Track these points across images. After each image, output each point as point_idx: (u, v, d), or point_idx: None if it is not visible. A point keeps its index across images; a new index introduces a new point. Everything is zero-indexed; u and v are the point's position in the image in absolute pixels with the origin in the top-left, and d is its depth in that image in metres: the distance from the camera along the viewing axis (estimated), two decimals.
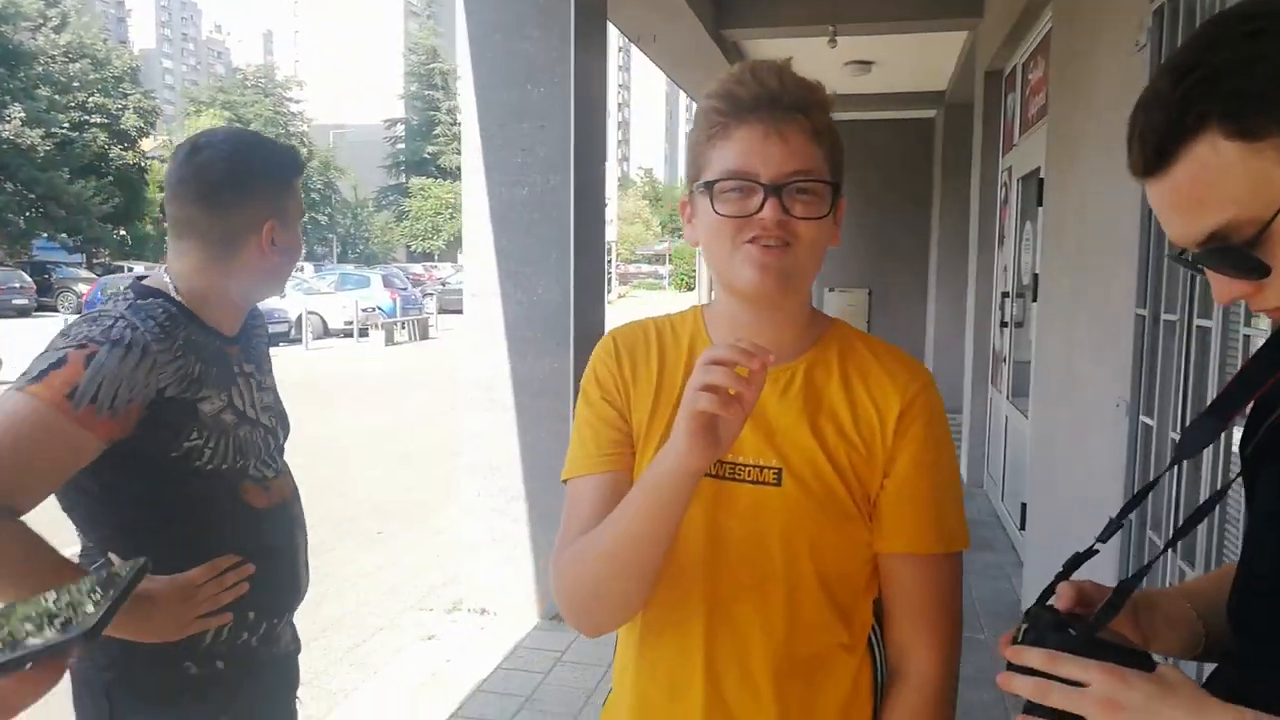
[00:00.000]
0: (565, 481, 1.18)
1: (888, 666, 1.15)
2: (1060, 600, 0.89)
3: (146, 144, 39.15)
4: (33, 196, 30.32)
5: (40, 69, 31.81)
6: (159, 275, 1.51)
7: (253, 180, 1.49)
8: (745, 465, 1.09)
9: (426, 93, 63.46)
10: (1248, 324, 2.04)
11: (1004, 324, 5.94)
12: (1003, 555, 5.17)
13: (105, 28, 50.74)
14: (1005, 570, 4.92)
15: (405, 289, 22.79)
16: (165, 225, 1.59)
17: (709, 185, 1.06)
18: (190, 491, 1.43)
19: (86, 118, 33.52)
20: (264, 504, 1.53)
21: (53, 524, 1.39)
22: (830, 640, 1.10)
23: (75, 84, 33.42)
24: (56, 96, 32.04)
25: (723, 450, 0.94)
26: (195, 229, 1.47)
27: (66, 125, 32.13)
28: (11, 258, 29.27)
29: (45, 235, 32.29)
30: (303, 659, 1.72)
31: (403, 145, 64.79)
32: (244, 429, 1.50)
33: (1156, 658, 0.79)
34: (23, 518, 1.27)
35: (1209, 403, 1.03)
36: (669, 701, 1.13)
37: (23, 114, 30.01)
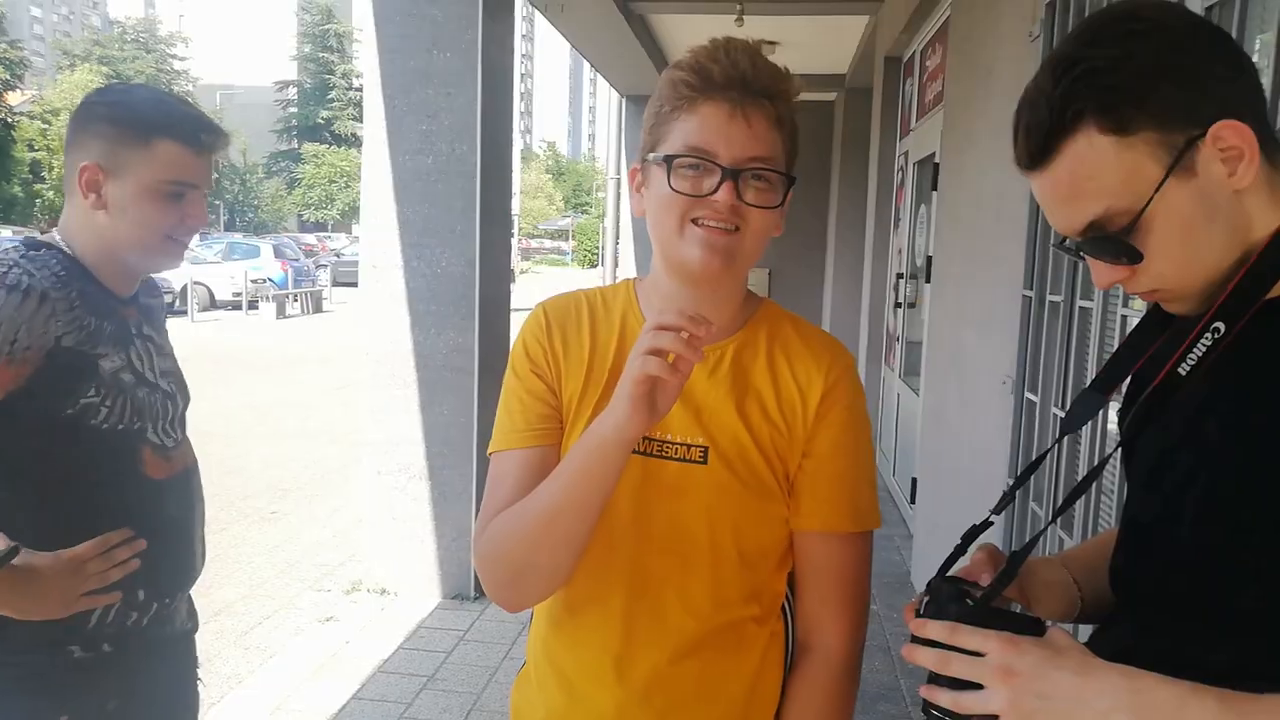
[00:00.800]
0: (491, 455, 1.16)
1: (796, 638, 1.18)
2: (973, 568, 0.94)
3: (12, 98, 36.66)
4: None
5: None
6: (51, 235, 1.45)
7: (89, 124, 1.42)
8: (673, 443, 1.10)
9: (321, 55, 61.12)
10: (1125, 305, 2.16)
11: (898, 304, 6.13)
12: (893, 529, 5.37)
13: None
14: (895, 543, 5.11)
15: (298, 260, 22.00)
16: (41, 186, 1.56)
17: (668, 159, 1.05)
18: (83, 453, 1.37)
19: None
20: (163, 474, 1.46)
21: None
22: (745, 613, 1.13)
23: None
24: None
25: (658, 418, 0.96)
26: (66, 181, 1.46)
27: None
28: None
29: None
30: (196, 642, 1.65)
31: (295, 110, 62.37)
32: (142, 391, 1.43)
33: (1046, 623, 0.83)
34: None
35: (1091, 380, 1.09)
36: (585, 673, 1.14)
37: None
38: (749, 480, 1.10)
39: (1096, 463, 1.15)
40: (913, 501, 5.06)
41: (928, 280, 4.86)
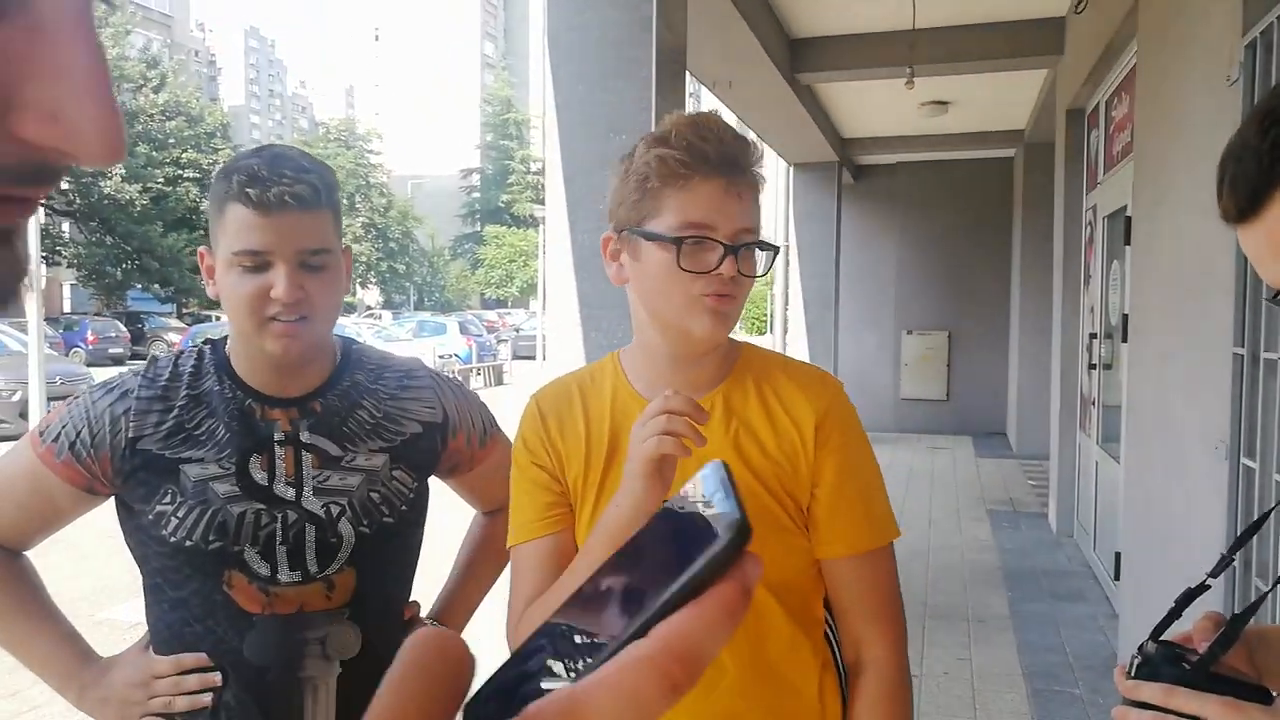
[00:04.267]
0: (510, 549, 1.22)
1: (845, 661, 1.22)
2: (1192, 633, 0.89)
3: None
4: (129, 249, 31.72)
5: (140, 127, 33.54)
6: None
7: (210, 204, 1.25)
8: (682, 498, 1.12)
9: (501, 142, 65.11)
10: None
11: (1092, 366, 5.78)
12: (1096, 607, 4.98)
13: (199, 86, 53.40)
14: (1099, 622, 4.73)
15: (480, 335, 23.19)
16: None
17: (677, 240, 1.09)
18: (170, 565, 1.24)
19: (180, 172, 35.16)
20: (257, 608, 1.23)
21: None
22: (789, 642, 1.17)
23: (171, 140, 35.13)
24: (154, 153, 33.71)
25: (668, 488, 1.02)
26: None
27: (161, 180, 33.73)
28: (108, 308, 30.74)
29: (139, 286, 33.85)
30: None
31: (478, 194, 66.44)
32: (245, 507, 1.22)
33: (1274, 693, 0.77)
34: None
35: None
36: None
37: (122, 170, 31.68)
38: (762, 519, 1.12)
39: None
40: (1116, 578, 4.69)
41: (1124, 339, 4.57)
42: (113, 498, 1.27)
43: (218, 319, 26.45)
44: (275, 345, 1.20)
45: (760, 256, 1.14)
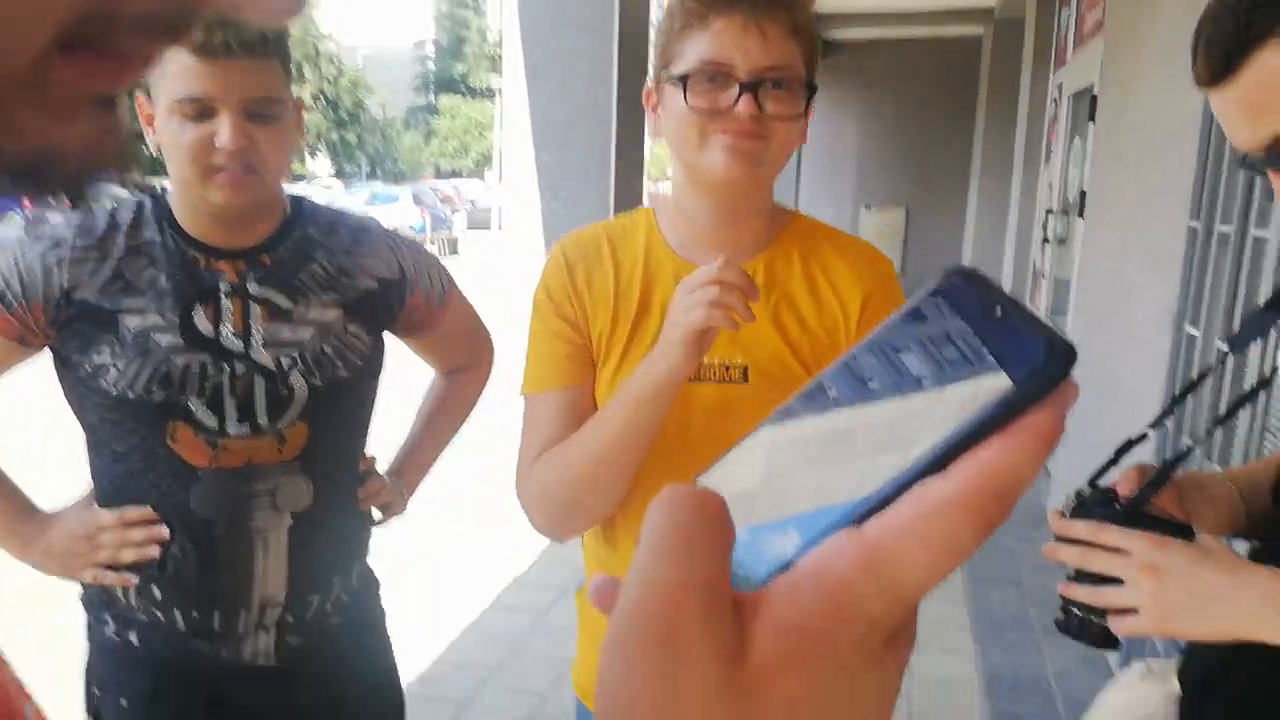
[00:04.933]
0: (524, 396, 1.17)
1: None
2: (1123, 481, 0.94)
3: None
4: None
5: None
6: None
7: None
8: (711, 365, 1.10)
9: (457, 11, 62.27)
10: None
11: (1045, 240, 5.87)
12: None
13: None
14: (1034, 482, 4.96)
15: (434, 206, 22.75)
16: None
17: (683, 77, 1.04)
18: (111, 418, 1.21)
19: None
20: (202, 461, 1.21)
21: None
22: None
23: None
24: None
25: (702, 356, 0.99)
26: None
27: None
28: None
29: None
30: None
31: (432, 65, 63.93)
32: (189, 359, 1.19)
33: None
34: None
35: (1263, 302, 1.05)
36: None
37: None
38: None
39: (1257, 381, 1.09)
40: None
41: (1080, 215, 4.63)
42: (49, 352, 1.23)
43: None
44: (219, 195, 1.16)
45: (791, 98, 1.05)
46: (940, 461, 0.25)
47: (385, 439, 1.51)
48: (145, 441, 1.21)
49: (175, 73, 1.12)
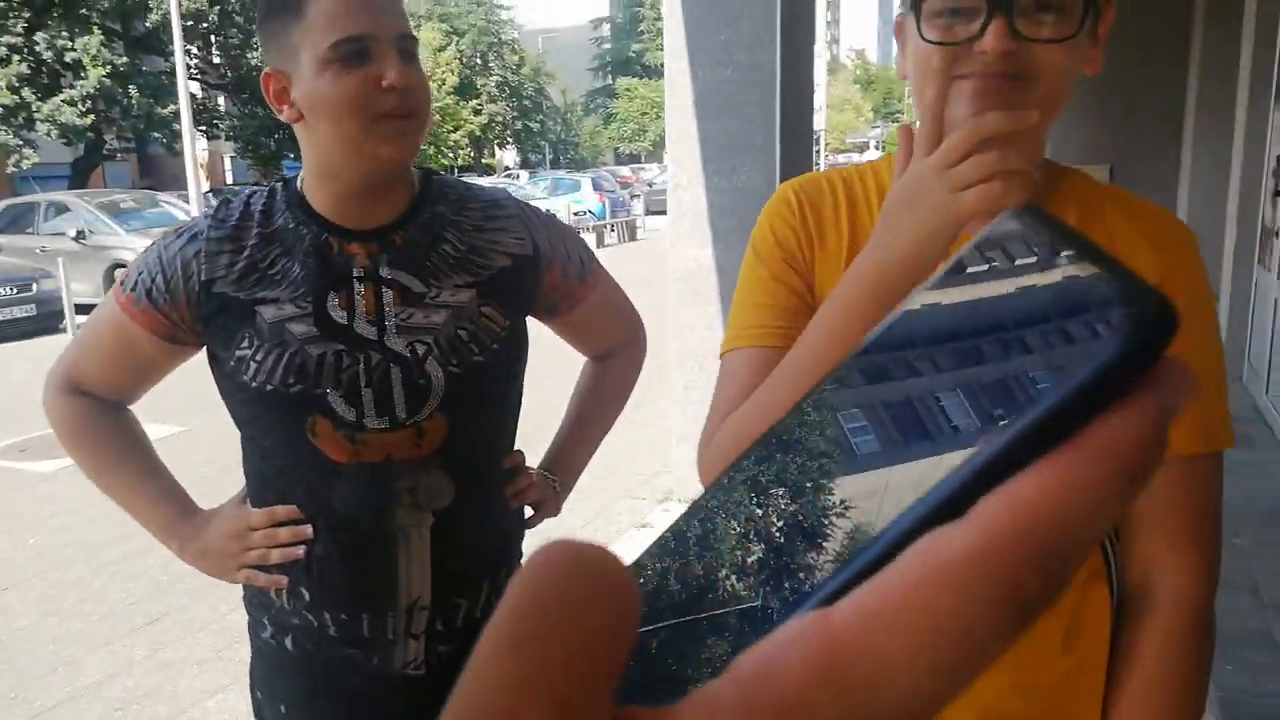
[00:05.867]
0: (724, 355, 1.01)
1: (1125, 586, 0.97)
2: None
3: None
4: (278, 120, 32.71)
5: None
6: None
7: (259, 29, 1.18)
8: None
9: None
10: None
11: (1277, 192, 5.19)
12: (1265, 453, 4.64)
13: None
14: (1269, 470, 4.41)
15: (613, 191, 23.06)
16: None
17: (916, 3, 0.83)
18: (255, 412, 1.20)
19: None
20: (343, 457, 1.18)
21: None
22: None
23: None
24: None
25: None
26: None
27: None
28: (265, 178, 32.16)
29: (292, 156, 35.15)
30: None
31: (609, 45, 64.87)
32: (324, 348, 1.15)
33: None
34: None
35: None
36: None
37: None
38: None
39: None
40: None
41: None
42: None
43: None
44: (388, 148, 1.12)
45: (1063, 17, 0.80)
46: (957, 499, 0.16)
47: (541, 435, 1.45)
48: (289, 436, 1.19)
49: (323, 21, 1.09)
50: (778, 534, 0.20)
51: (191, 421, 5.57)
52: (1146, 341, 0.16)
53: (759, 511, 0.20)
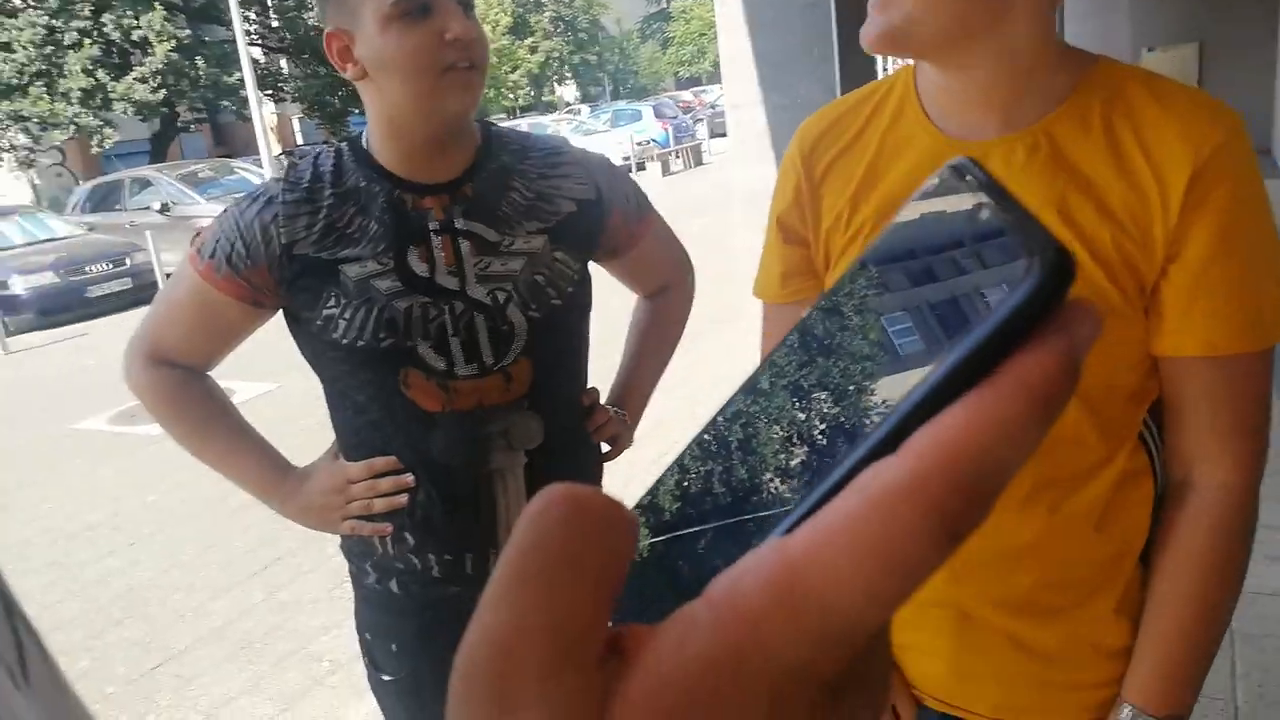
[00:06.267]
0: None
1: (1169, 480, 0.96)
2: None
3: None
4: (340, 77, 32.80)
5: None
6: None
7: None
8: None
9: None
10: None
11: None
12: None
13: None
14: None
15: (676, 117, 22.70)
16: None
17: None
18: (346, 370, 1.23)
19: None
20: (436, 406, 1.22)
21: None
22: (1089, 458, 0.94)
23: None
24: None
25: None
26: None
27: None
28: (334, 135, 32.55)
29: (357, 111, 35.47)
30: None
31: None
32: (410, 301, 1.18)
33: None
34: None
35: None
36: None
37: None
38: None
39: None
40: None
41: None
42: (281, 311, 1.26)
43: None
44: (456, 101, 1.15)
45: None
46: (895, 435, 0.18)
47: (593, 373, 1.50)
48: (382, 391, 1.22)
49: None
50: (820, 436, 0.21)
51: (284, 379, 5.80)
52: (1049, 288, 0.18)
53: (801, 415, 0.22)
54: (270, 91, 27.22)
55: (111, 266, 11.25)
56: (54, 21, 20.78)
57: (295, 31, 26.31)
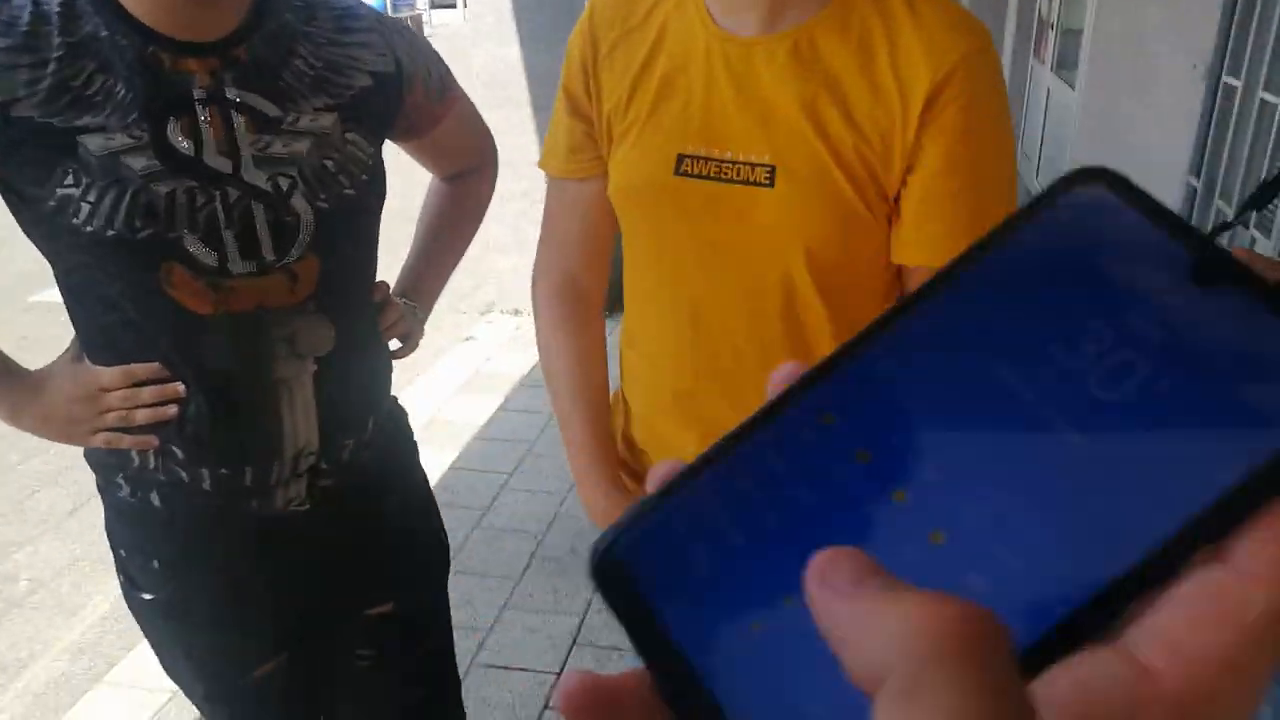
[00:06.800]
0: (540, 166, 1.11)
1: None
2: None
3: None
4: None
5: None
6: None
7: None
8: (734, 163, 0.92)
9: None
10: None
11: None
12: None
13: None
14: None
15: None
16: None
17: None
18: (81, 262, 1.02)
19: None
20: (206, 308, 1.04)
21: None
22: (819, 341, 0.98)
23: None
24: None
25: None
26: None
27: None
28: None
29: None
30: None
31: None
32: (172, 185, 0.99)
33: None
34: None
35: None
36: (653, 408, 1.11)
37: None
38: (826, 204, 0.90)
39: None
40: None
41: None
42: None
43: None
44: None
45: None
46: (1191, 535, 0.18)
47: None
48: (138, 287, 1.03)
49: None
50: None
51: None
52: None
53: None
54: None
55: None
56: None
57: None
